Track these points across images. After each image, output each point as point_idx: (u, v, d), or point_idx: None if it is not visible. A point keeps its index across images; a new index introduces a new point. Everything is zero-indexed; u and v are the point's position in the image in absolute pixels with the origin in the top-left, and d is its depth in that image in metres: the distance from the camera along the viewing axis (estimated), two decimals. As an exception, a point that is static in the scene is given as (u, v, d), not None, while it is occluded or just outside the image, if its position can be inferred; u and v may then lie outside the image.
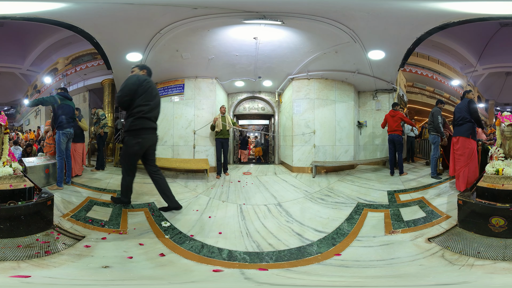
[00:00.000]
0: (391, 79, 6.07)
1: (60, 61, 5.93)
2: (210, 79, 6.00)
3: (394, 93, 6.35)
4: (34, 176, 3.89)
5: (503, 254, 2.33)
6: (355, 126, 6.43)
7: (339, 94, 6.17)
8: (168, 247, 2.60)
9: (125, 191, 3.57)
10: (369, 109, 6.65)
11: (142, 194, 4.12)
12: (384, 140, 6.49)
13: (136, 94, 3.32)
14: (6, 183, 2.80)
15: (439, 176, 4.86)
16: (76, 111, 4.89)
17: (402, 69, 5.69)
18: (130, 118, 3.38)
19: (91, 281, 2.02)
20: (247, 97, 7.25)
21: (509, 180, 2.87)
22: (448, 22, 3.95)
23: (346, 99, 6.25)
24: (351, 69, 5.67)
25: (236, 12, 3.94)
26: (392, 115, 5.48)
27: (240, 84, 6.63)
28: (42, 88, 6.03)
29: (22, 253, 2.31)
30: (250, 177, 5.56)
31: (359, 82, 6.23)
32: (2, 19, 4.01)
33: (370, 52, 4.95)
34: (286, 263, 2.36)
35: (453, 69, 6.23)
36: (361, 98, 6.68)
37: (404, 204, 3.75)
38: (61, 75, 5.96)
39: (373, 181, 5.07)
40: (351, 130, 6.28)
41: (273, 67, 5.72)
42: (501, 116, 3.22)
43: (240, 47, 4.94)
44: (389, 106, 6.40)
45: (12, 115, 6.20)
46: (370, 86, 6.35)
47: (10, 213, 2.59)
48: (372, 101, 6.58)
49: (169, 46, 4.73)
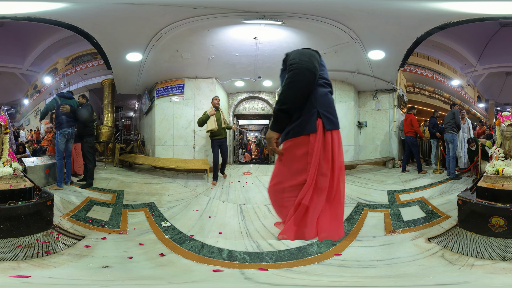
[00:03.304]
0: (391, 79, 6.07)
1: (60, 61, 5.93)
2: (210, 79, 6.00)
3: (394, 93, 6.35)
4: (34, 176, 3.88)
5: (503, 254, 2.33)
6: (355, 126, 6.43)
7: (339, 94, 6.17)
8: (168, 247, 2.60)
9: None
10: (369, 109, 6.65)
11: (142, 194, 4.12)
12: (384, 140, 6.50)
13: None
14: (6, 183, 2.80)
15: (459, 176, 4.81)
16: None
17: (402, 69, 5.68)
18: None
19: (91, 281, 2.01)
20: (247, 97, 7.24)
21: (509, 180, 2.87)
22: (448, 22, 3.95)
23: (346, 99, 6.25)
24: (351, 69, 5.66)
25: (236, 12, 3.94)
26: (405, 119, 5.70)
27: (240, 84, 6.63)
28: (42, 88, 6.03)
29: (22, 253, 2.30)
30: (250, 177, 5.56)
31: (359, 82, 6.22)
32: (2, 19, 4.02)
33: (370, 52, 4.95)
34: (286, 263, 2.36)
35: (453, 69, 6.22)
36: (361, 98, 6.68)
37: (404, 204, 3.75)
38: (61, 75, 5.96)
39: (373, 181, 5.07)
40: (351, 130, 6.28)
41: (273, 67, 5.71)
42: (501, 116, 3.22)
43: (240, 47, 4.94)
44: (389, 106, 6.40)
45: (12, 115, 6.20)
46: (370, 86, 6.35)
47: (10, 213, 2.59)
48: (372, 101, 6.58)
49: (169, 46, 4.73)
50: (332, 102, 2.27)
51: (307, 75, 2.07)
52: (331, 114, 2.20)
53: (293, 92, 2.05)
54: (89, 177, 4.46)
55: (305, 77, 2.07)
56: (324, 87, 2.25)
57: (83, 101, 4.76)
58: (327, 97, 2.23)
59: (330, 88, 2.33)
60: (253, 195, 4.34)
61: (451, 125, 4.98)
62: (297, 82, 2.05)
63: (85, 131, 4.60)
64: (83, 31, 4.22)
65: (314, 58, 2.17)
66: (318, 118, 2.15)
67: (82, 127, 4.58)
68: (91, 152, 4.64)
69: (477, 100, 6.40)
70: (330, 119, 2.19)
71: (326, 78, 2.32)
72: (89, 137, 4.64)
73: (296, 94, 2.04)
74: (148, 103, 6.39)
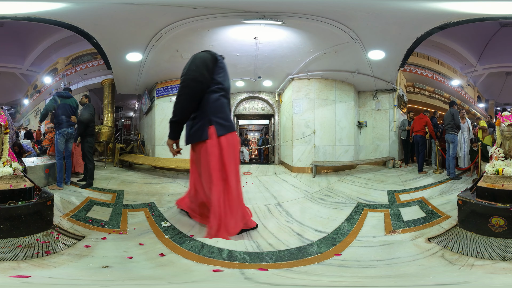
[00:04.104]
0: (391, 79, 6.08)
1: (60, 61, 5.93)
2: (210, 79, 6.00)
3: (394, 93, 6.36)
4: (34, 176, 3.88)
5: (503, 254, 2.33)
6: (355, 126, 6.43)
7: (339, 94, 6.17)
8: (168, 247, 2.60)
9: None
10: (369, 109, 6.65)
11: (142, 194, 4.12)
12: (384, 140, 6.50)
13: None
14: (6, 183, 2.80)
15: (459, 176, 4.83)
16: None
17: (402, 69, 5.69)
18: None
19: (91, 281, 2.01)
20: (247, 97, 7.25)
21: (509, 180, 2.87)
22: (448, 22, 3.95)
23: (346, 99, 6.26)
24: (351, 69, 5.67)
25: (236, 12, 3.94)
26: (420, 118, 5.73)
27: (240, 84, 6.63)
28: (42, 88, 6.03)
29: (22, 253, 2.30)
30: (250, 177, 5.56)
31: (359, 82, 6.23)
32: (2, 19, 4.02)
33: (370, 52, 4.95)
34: (286, 263, 2.36)
35: (453, 69, 6.23)
36: (361, 98, 6.69)
37: (404, 204, 3.75)
38: (61, 75, 5.96)
39: (373, 181, 5.07)
40: (351, 130, 6.28)
41: (273, 67, 5.72)
42: (501, 116, 3.21)
43: (240, 47, 4.94)
44: (389, 106, 6.41)
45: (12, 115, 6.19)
46: (370, 86, 6.35)
47: (10, 213, 2.59)
48: (372, 101, 6.59)
49: (169, 46, 4.73)
50: (224, 106, 2.42)
51: (193, 86, 2.24)
52: (222, 119, 2.35)
53: (181, 105, 2.26)
54: (89, 177, 4.47)
55: (191, 89, 2.24)
56: (217, 92, 2.37)
57: (85, 101, 4.76)
58: (218, 102, 2.36)
59: (223, 92, 2.44)
60: (253, 195, 4.34)
61: (452, 126, 5.00)
62: (184, 95, 2.24)
63: (86, 131, 4.60)
64: (83, 31, 4.22)
65: (204, 65, 2.31)
66: (211, 125, 2.31)
67: (84, 127, 4.58)
68: (91, 152, 4.65)
69: (477, 100, 6.41)
70: (222, 124, 2.35)
71: (220, 83, 2.43)
72: (89, 137, 4.65)
73: (184, 106, 2.24)
74: (148, 103, 6.39)
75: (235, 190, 2.53)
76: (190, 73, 2.28)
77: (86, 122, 4.58)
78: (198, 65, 2.30)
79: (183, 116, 2.34)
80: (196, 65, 2.30)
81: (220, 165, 2.43)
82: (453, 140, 4.96)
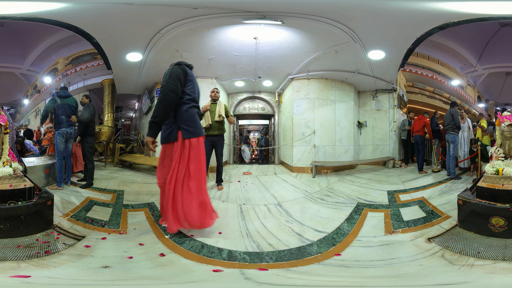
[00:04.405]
0: (391, 79, 6.08)
1: (60, 61, 5.92)
2: (210, 79, 6.00)
3: (394, 93, 6.36)
4: (34, 176, 3.88)
5: (503, 254, 2.33)
6: (355, 126, 6.43)
7: (339, 94, 6.17)
8: (168, 247, 2.60)
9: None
10: (369, 109, 6.65)
11: (142, 194, 4.12)
12: (384, 140, 6.50)
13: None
14: (6, 183, 2.80)
15: (459, 176, 4.84)
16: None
17: (402, 69, 5.69)
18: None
19: (91, 281, 2.02)
20: (247, 97, 7.25)
21: (509, 180, 2.87)
22: (448, 22, 3.95)
23: (346, 99, 6.26)
24: (351, 69, 5.67)
25: (236, 12, 3.94)
26: (419, 119, 5.79)
27: (240, 84, 6.63)
28: (42, 88, 6.03)
29: (22, 253, 2.31)
30: (250, 177, 5.56)
31: (359, 82, 6.23)
32: (2, 19, 4.02)
33: (370, 52, 4.95)
34: (286, 263, 2.36)
35: (453, 69, 6.22)
36: (361, 98, 6.69)
37: (404, 204, 3.75)
38: (61, 75, 5.96)
39: (373, 181, 5.07)
40: (351, 130, 6.28)
41: (273, 67, 5.72)
42: (501, 116, 3.21)
43: (240, 47, 4.94)
44: (389, 106, 6.41)
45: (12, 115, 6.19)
46: (370, 86, 6.35)
47: (10, 213, 2.59)
48: (372, 101, 6.59)
49: (169, 46, 4.72)
50: (192, 115, 2.89)
51: (171, 95, 2.74)
52: (189, 126, 2.83)
53: (161, 110, 2.73)
54: (89, 177, 4.47)
55: (170, 97, 2.74)
56: (186, 104, 2.87)
57: (86, 101, 4.77)
58: (187, 113, 2.85)
59: (192, 103, 2.92)
60: (253, 195, 4.35)
61: (452, 126, 5.00)
62: (164, 102, 2.73)
63: (86, 131, 4.61)
64: (83, 31, 4.22)
65: (178, 79, 2.81)
66: (179, 130, 2.81)
67: (84, 127, 4.59)
68: (91, 152, 4.65)
69: (477, 100, 6.40)
70: (188, 130, 2.82)
71: (189, 94, 2.90)
72: (90, 137, 4.66)
73: (163, 110, 2.74)
74: (148, 103, 6.38)
75: (186, 189, 2.83)
76: (169, 85, 2.76)
77: (86, 122, 4.59)
78: (174, 78, 2.79)
79: (162, 118, 2.78)
80: (173, 78, 2.78)
81: (182, 160, 2.83)
82: (454, 140, 4.96)
